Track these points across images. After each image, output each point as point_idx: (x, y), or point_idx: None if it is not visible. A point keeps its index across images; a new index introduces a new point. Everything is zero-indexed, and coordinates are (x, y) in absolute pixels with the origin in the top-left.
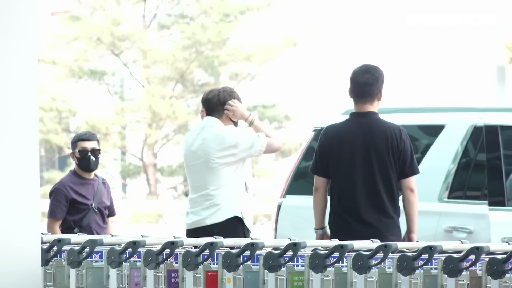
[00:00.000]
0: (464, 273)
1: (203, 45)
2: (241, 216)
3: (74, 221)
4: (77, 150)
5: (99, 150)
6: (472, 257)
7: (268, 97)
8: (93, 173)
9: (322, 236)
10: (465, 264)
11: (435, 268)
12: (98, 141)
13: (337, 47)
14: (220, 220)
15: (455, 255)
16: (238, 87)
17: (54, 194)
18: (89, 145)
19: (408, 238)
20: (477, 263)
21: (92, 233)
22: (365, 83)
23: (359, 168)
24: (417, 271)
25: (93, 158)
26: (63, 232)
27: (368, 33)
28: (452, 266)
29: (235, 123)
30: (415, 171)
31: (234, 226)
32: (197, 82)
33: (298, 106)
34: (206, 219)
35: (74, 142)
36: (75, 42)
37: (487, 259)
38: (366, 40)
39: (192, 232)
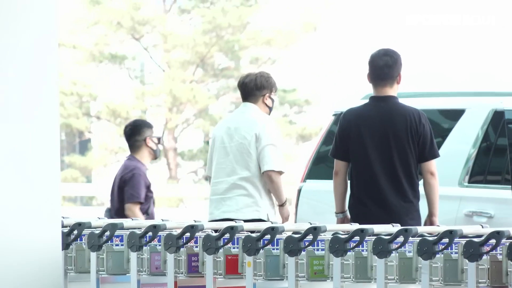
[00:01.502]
0: (484, 257)
1: (223, 29)
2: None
3: (143, 208)
4: (155, 138)
5: None
6: (493, 241)
7: (288, 82)
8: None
9: (343, 220)
10: (486, 248)
11: (456, 253)
12: None
13: (357, 31)
14: (247, 218)
15: (475, 240)
16: None
17: (135, 178)
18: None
19: (430, 221)
20: (498, 248)
21: None
22: (385, 65)
23: (377, 152)
24: (437, 256)
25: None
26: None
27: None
28: (473, 251)
29: (270, 110)
30: (435, 155)
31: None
32: (217, 66)
33: (319, 90)
34: (233, 213)
35: (149, 128)
36: (96, 26)
37: (507, 244)
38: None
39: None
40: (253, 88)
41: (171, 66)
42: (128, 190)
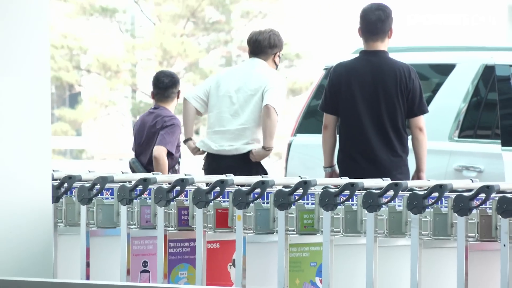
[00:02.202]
0: (474, 211)
1: None
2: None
3: (176, 158)
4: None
5: None
6: (483, 195)
7: None
8: None
9: (331, 174)
10: (476, 203)
11: (445, 207)
12: None
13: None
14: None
15: (465, 194)
16: (249, 26)
17: (175, 127)
18: None
19: (417, 176)
20: (487, 202)
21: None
22: (378, 19)
23: (367, 106)
24: (427, 210)
25: None
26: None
27: None
28: (462, 205)
29: (277, 67)
30: (424, 110)
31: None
32: (208, 20)
33: (309, 44)
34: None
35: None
36: None
37: (497, 198)
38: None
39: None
40: (266, 46)
41: (162, 20)
42: (163, 134)
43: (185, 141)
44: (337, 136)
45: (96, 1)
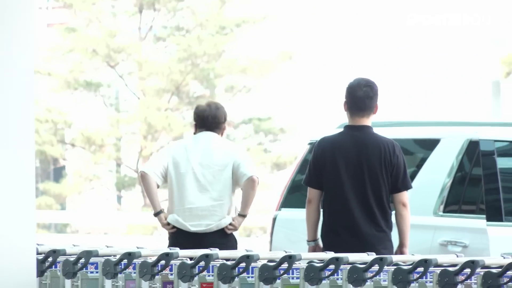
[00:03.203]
0: (459, 286)
1: (198, 57)
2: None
3: None
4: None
5: None
6: (468, 270)
7: (263, 110)
8: None
9: (314, 248)
10: (461, 277)
11: (431, 282)
12: None
13: (333, 60)
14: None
15: (450, 269)
16: (233, 100)
17: None
18: None
19: (400, 251)
20: (472, 277)
21: None
22: (365, 96)
23: (351, 181)
24: (412, 285)
25: None
26: None
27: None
28: (447, 280)
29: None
30: (408, 186)
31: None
32: (192, 94)
33: (294, 119)
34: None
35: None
36: (71, 53)
37: (482, 273)
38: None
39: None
40: (222, 122)
41: (146, 94)
42: None
43: (156, 214)
44: (321, 210)
45: (80, 75)
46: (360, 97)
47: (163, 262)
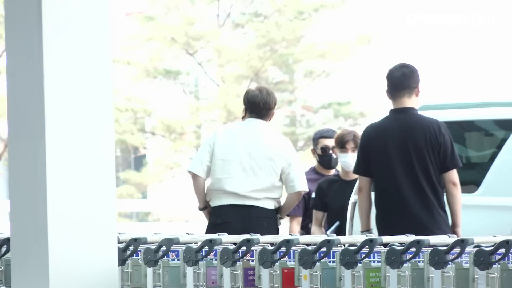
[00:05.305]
0: (494, 266)
1: (277, 43)
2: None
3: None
4: (318, 147)
5: None
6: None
7: (343, 94)
8: (333, 170)
9: None
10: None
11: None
12: None
13: (411, 43)
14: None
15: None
16: (312, 85)
17: None
18: (330, 142)
19: (453, 232)
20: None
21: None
22: (402, 75)
23: (400, 164)
24: (494, 266)
25: (334, 155)
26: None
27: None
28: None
29: None
30: (457, 164)
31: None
32: (271, 80)
33: (373, 103)
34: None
35: (316, 139)
36: (150, 42)
37: None
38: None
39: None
40: (271, 106)
41: (225, 81)
42: None
43: (202, 209)
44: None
45: (159, 63)
46: (397, 77)
47: (244, 248)
